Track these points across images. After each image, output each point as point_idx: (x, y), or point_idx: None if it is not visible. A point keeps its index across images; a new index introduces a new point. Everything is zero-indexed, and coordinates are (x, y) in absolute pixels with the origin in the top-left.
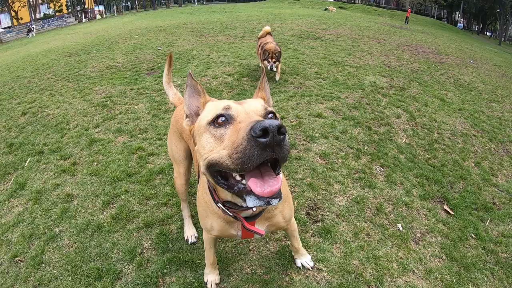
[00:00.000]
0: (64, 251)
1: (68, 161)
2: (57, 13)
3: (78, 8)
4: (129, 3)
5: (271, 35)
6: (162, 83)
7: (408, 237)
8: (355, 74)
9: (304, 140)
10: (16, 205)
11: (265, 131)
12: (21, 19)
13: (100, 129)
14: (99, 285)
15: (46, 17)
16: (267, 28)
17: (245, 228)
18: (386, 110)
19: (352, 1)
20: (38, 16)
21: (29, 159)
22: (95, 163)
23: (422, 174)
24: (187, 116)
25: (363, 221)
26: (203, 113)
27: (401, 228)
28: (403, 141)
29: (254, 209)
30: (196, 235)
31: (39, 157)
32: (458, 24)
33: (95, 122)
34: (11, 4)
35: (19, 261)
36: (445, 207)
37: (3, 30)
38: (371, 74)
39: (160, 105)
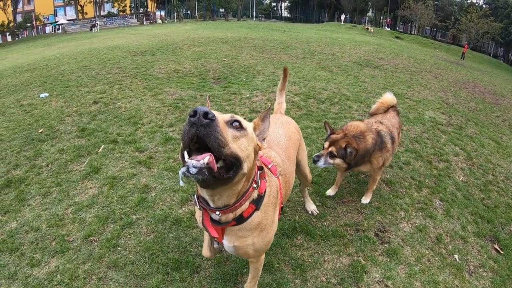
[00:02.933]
0: (141, 238)
1: (144, 154)
2: (121, 13)
3: (141, 10)
4: (189, 12)
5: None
6: (230, 93)
7: (463, 268)
8: (415, 108)
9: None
10: (90, 187)
11: (195, 113)
12: (86, 13)
13: (174, 129)
14: (177, 275)
15: (109, 15)
16: (389, 98)
17: (202, 223)
18: (445, 147)
19: (408, 32)
20: (102, 13)
21: (103, 145)
22: (171, 160)
23: (477, 212)
24: None
25: (424, 248)
26: None
27: (457, 259)
28: (460, 179)
29: (218, 213)
30: None
31: (113, 146)
32: None
33: (168, 121)
34: None
35: (93, 241)
36: (496, 246)
37: (68, 22)
38: (431, 110)
39: None
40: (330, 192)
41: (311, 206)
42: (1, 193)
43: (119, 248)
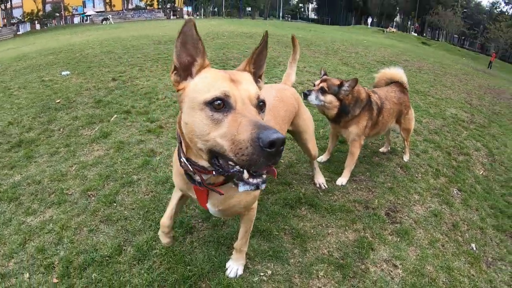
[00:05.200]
0: (139, 197)
1: (155, 123)
2: (148, 7)
3: (168, 5)
4: (215, 9)
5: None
6: None
7: (481, 258)
8: (437, 104)
9: (389, 152)
10: (97, 150)
11: (272, 144)
12: (114, 6)
13: None
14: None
15: (137, 8)
16: (391, 71)
17: (198, 189)
18: (466, 141)
19: (436, 38)
20: (130, 6)
21: (115, 115)
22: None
23: (497, 206)
24: (175, 68)
25: (439, 232)
26: (198, 80)
27: (474, 248)
28: (480, 173)
29: (215, 173)
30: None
31: (126, 116)
32: None
33: None
34: None
35: (90, 195)
36: None
37: (96, 13)
38: (453, 107)
39: None
40: (323, 158)
41: (320, 179)
42: (11, 151)
43: (115, 204)
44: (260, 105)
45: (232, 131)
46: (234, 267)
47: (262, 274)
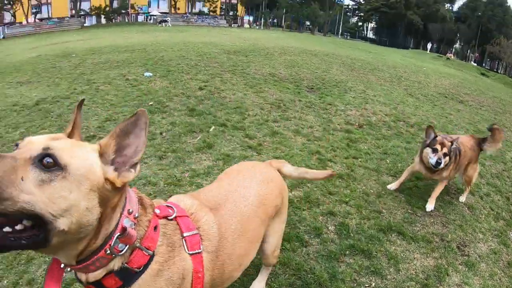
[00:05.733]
0: None
1: (253, 141)
2: (211, 13)
3: (231, 13)
4: (275, 20)
5: None
6: (326, 103)
7: None
8: None
9: (455, 190)
10: (205, 159)
11: None
12: (178, 9)
13: (278, 125)
14: (288, 246)
15: (200, 13)
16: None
17: None
18: None
19: (495, 69)
20: (194, 11)
21: (213, 126)
22: (279, 151)
23: None
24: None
25: (497, 268)
26: None
27: None
28: None
29: (68, 268)
30: None
31: (223, 129)
32: None
33: (272, 117)
34: None
35: None
36: None
37: (160, 14)
38: None
39: (328, 123)
40: (392, 186)
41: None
42: None
43: None
44: (42, 160)
45: None
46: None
47: (367, 285)
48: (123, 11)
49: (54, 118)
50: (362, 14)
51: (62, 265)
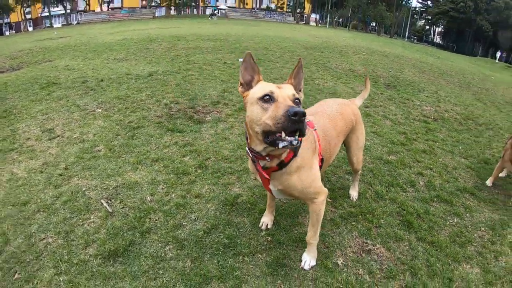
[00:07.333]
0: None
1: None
2: (278, 9)
3: (298, 10)
4: (340, 19)
5: None
6: (403, 98)
7: None
8: None
9: None
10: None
11: (295, 114)
12: (247, 4)
13: (369, 110)
14: (393, 189)
15: (268, 9)
16: None
17: (256, 169)
18: None
19: None
20: (262, 6)
21: None
22: (374, 127)
23: None
24: (241, 84)
25: None
26: (255, 88)
27: None
28: None
29: (268, 159)
30: None
31: None
32: None
33: (363, 103)
34: None
35: None
36: None
37: (228, 8)
38: None
39: (408, 114)
40: (488, 182)
41: (354, 192)
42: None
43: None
44: (296, 102)
45: (274, 113)
46: (308, 259)
47: (450, 221)
48: (193, 4)
49: (173, 87)
50: (429, 17)
51: (261, 162)
